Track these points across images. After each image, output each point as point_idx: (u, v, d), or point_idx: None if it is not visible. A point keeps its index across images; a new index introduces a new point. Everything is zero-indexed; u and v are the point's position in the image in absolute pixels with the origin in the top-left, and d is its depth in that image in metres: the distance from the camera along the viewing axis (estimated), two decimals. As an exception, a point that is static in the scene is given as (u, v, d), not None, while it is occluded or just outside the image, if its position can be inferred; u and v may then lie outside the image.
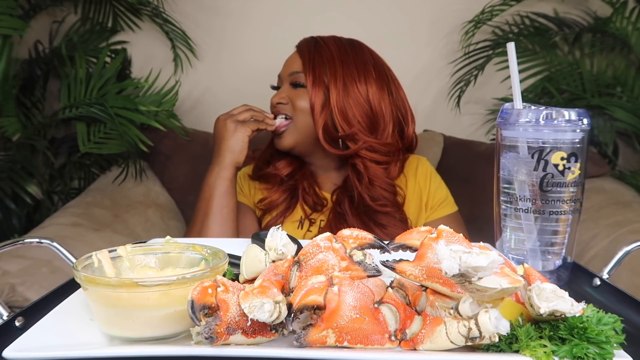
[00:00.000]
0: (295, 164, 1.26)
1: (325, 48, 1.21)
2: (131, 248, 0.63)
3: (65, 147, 1.94)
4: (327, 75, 1.18)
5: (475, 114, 2.06)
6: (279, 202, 1.23)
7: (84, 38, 1.94)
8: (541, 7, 1.98)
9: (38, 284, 1.16)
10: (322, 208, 1.22)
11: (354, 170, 1.20)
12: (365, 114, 1.18)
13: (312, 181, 1.26)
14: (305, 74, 1.19)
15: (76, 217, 1.47)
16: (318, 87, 1.17)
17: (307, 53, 1.21)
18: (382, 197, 1.18)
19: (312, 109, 1.18)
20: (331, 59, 1.19)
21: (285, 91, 1.22)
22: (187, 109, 2.01)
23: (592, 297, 0.68)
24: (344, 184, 1.24)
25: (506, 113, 0.73)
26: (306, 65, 1.20)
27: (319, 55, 1.20)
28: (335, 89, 1.17)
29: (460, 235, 0.54)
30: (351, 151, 1.18)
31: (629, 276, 1.19)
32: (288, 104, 1.20)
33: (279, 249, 0.57)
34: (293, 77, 1.21)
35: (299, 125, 1.20)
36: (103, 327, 0.54)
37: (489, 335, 0.45)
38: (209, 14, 1.99)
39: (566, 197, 0.70)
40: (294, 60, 1.23)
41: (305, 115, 1.19)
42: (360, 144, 1.17)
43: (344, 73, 1.18)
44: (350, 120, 1.17)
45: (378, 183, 1.18)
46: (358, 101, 1.17)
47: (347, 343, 0.48)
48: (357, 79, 1.18)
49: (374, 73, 1.21)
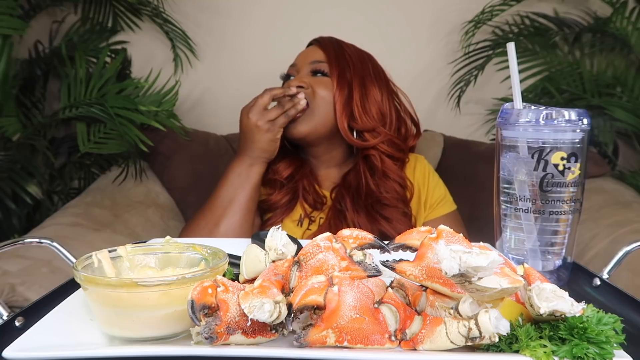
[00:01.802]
0: (295, 164, 1.26)
1: (345, 48, 1.25)
2: (131, 248, 0.63)
3: (65, 147, 1.94)
4: (350, 72, 1.20)
5: (475, 114, 2.06)
6: (279, 203, 1.23)
7: (84, 38, 1.94)
8: (541, 7, 1.98)
9: (38, 284, 1.16)
10: (322, 206, 1.22)
11: (367, 163, 1.22)
12: (382, 112, 1.22)
13: (312, 179, 1.26)
14: (330, 65, 1.20)
15: (76, 217, 1.47)
16: (343, 81, 1.19)
17: (332, 48, 1.23)
18: (394, 190, 1.20)
19: (335, 100, 1.18)
20: (351, 59, 1.22)
21: (305, 77, 1.21)
22: (187, 109, 2.01)
23: (592, 297, 0.68)
24: (343, 181, 1.24)
25: (506, 113, 0.73)
26: (331, 58, 1.21)
27: (341, 52, 1.23)
28: (357, 86, 1.20)
29: (460, 235, 0.54)
30: (372, 143, 1.20)
31: (629, 276, 1.19)
32: (309, 89, 1.19)
33: (279, 249, 0.57)
34: (315, 65, 1.21)
35: (317, 112, 1.19)
36: (103, 327, 0.54)
37: (489, 335, 0.45)
38: (209, 14, 1.99)
39: (566, 197, 0.70)
40: (314, 51, 1.24)
41: (325, 103, 1.19)
42: (382, 137, 1.20)
43: (363, 74, 1.22)
44: (371, 115, 1.20)
45: (393, 176, 1.21)
46: (376, 102, 1.21)
47: (347, 343, 0.48)
48: (374, 83, 1.23)
49: (384, 80, 1.26)
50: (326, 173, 1.28)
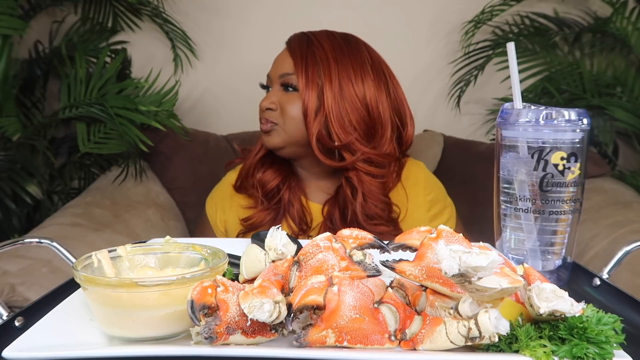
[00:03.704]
0: (282, 174, 1.17)
1: (318, 45, 1.11)
2: (131, 248, 0.63)
3: (65, 147, 1.94)
4: (320, 77, 1.08)
5: (475, 114, 2.06)
6: (264, 222, 1.14)
7: (84, 38, 1.94)
8: (541, 7, 1.98)
9: (38, 284, 1.16)
10: (308, 229, 1.14)
11: (349, 184, 1.11)
12: (362, 118, 1.09)
13: (300, 192, 1.17)
14: (297, 75, 1.09)
15: (76, 217, 1.47)
16: (311, 90, 1.08)
17: (299, 51, 1.12)
18: (376, 215, 1.10)
19: (305, 115, 1.08)
20: (325, 57, 1.10)
21: (276, 95, 1.13)
22: (187, 109, 2.01)
23: (592, 297, 0.68)
24: (335, 194, 1.15)
25: (506, 113, 0.73)
26: (298, 66, 1.10)
27: (311, 53, 1.11)
28: (331, 91, 1.08)
29: (460, 235, 0.54)
30: (347, 163, 1.09)
31: (629, 276, 1.19)
32: (277, 109, 1.12)
33: (279, 248, 0.57)
34: (284, 79, 1.12)
35: (288, 130, 1.11)
36: (103, 327, 0.54)
37: (489, 335, 0.45)
38: (209, 14, 1.99)
39: (566, 197, 0.70)
40: (284, 60, 1.13)
41: (295, 122, 1.10)
42: (358, 155, 1.08)
43: (339, 73, 1.09)
44: (347, 127, 1.08)
45: (372, 200, 1.10)
46: (354, 104, 1.08)
47: (347, 343, 0.48)
48: (353, 79, 1.09)
49: (371, 72, 1.12)
50: (317, 184, 1.19)
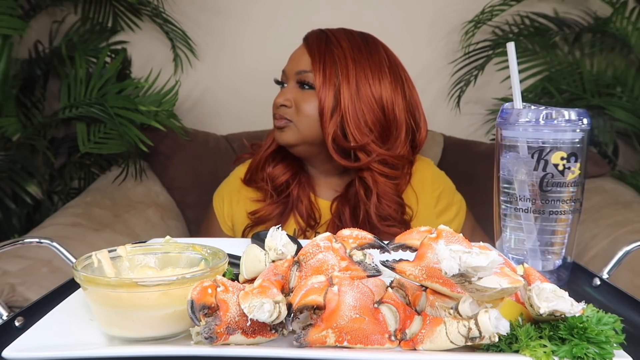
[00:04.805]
0: (292, 170, 1.17)
1: (336, 44, 1.11)
2: (131, 248, 0.63)
3: (65, 147, 1.94)
4: (338, 76, 1.08)
5: (475, 114, 2.06)
6: (271, 215, 1.15)
7: (84, 38, 1.94)
8: (541, 7, 1.98)
9: (38, 284, 1.16)
10: (316, 225, 1.14)
11: (362, 184, 1.11)
12: (378, 119, 1.09)
13: (309, 188, 1.17)
14: (314, 73, 1.09)
15: (76, 217, 1.47)
16: (328, 89, 1.07)
17: (317, 49, 1.11)
18: (390, 216, 1.10)
19: (321, 114, 1.08)
20: (343, 57, 1.09)
21: (291, 92, 1.11)
22: (187, 109, 2.01)
23: (592, 297, 0.68)
24: (345, 192, 1.15)
25: (506, 113, 0.73)
26: (316, 64, 1.09)
27: (329, 52, 1.10)
28: (348, 91, 1.07)
29: (460, 235, 0.54)
30: (362, 164, 1.08)
31: (629, 276, 1.19)
32: (292, 107, 1.11)
33: (279, 248, 0.57)
34: (300, 76, 1.10)
35: (302, 129, 1.10)
36: (103, 327, 0.54)
37: (489, 335, 0.45)
38: (209, 14, 1.99)
39: (566, 197, 0.70)
40: (301, 57, 1.13)
41: (311, 120, 1.09)
42: (373, 156, 1.08)
43: (356, 73, 1.08)
44: (362, 128, 1.07)
45: (386, 201, 1.10)
46: (371, 105, 1.08)
47: (347, 343, 0.48)
48: (370, 80, 1.09)
49: (388, 73, 1.11)
50: (327, 181, 1.19)
